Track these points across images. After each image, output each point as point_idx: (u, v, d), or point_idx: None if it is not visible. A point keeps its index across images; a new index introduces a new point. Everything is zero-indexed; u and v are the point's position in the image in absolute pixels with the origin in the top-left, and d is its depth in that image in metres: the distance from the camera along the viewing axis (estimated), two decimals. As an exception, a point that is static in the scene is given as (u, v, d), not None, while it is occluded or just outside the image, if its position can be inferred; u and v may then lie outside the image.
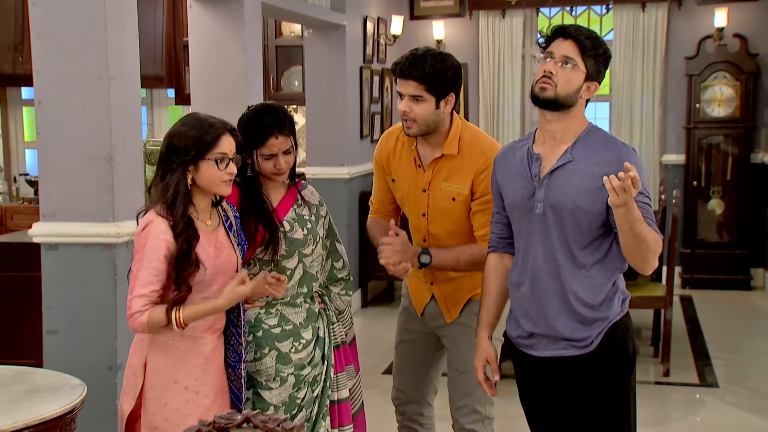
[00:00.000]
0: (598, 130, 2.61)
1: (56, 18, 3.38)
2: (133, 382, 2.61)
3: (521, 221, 2.61)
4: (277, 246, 2.85)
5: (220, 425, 1.51)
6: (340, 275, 3.13)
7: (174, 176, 2.53)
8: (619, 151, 2.49)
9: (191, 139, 2.53)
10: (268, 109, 2.90)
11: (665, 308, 5.33)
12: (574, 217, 2.50)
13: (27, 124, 8.08)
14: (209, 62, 4.83)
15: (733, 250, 7.70)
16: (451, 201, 3.02)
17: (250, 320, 2.91)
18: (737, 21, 7.64)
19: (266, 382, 2.90)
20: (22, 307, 4.42)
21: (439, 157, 3.02)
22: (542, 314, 2.58)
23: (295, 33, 7.60)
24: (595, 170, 2.46)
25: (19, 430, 2.48)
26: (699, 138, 7.77)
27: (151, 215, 2.54)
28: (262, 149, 2.83)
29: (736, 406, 4.90)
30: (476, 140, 3.05)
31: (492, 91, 8.26)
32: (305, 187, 3.07)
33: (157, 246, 2.50)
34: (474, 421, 3.16)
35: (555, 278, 2.55)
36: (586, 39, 2.51)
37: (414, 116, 2.93)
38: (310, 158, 6.88)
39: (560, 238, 2.53)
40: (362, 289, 7.22)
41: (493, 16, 8.23)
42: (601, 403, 2.58)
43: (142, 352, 2.61)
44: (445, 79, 2.92)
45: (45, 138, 3.45)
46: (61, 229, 3.45)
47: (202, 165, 2.53)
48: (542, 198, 2.54)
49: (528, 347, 2.64)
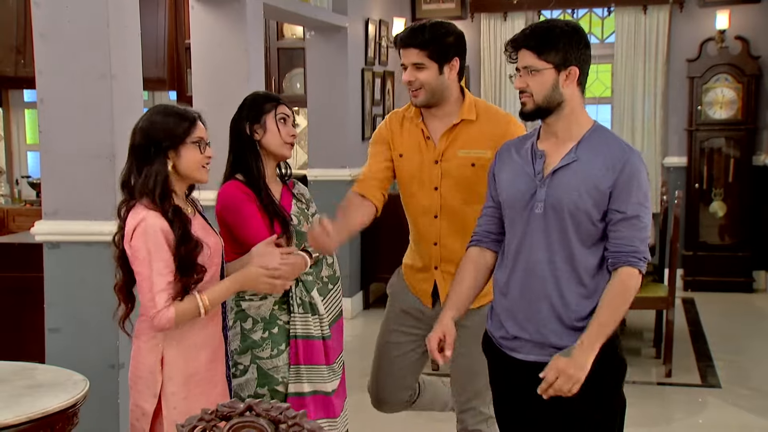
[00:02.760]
0: (604, 129, 2.56)
1: (59, 17, 3.39)
2: (150, 380, 2.59)
3: (517, 220, 2.55)
4: (291, 240, 2.90)
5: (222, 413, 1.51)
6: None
7: (154, 167, 2.55)
8: (624, 155, 2.46)
9: (170, 126, 2.56)
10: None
11: (667, 309, 5.32)
12: (575, 218, 2.45)
13: (29, 126, 8.09)
14: (211, 64, 4.84)
15: (735, 253, 7.69)
16: (470, 167, 3.00)
17: (265, 317, 2.93)
18: (739, 23, 7.64)
19: (282, 379, 2.91)
20: (24, 308, 4.43)
21: (456, 124, 3.02)
22: (531, 318, 2.51)
23: (297, 35, 7.62)
24: (599, 173, 2.44)
25: (21, 423, 2.47)
26: (701, 140, 7.77)
27: (141, 211, 2.53)
28: (277, 111, 2.97)
29: (738, 406, 4.89)
30: (491, 108, 3.11)
31: (493, 93, 8.26)
32: (296, 184, 3.14)
33: (159, 239, 2.50)
34: (479, 422, 3.18)
35: (549, 282, 2.48)
36: (535, 38, 2.49)
37: (419, 84, 2.96)
38: (311, 160, 6.89)
39: (560, 240, 2.47)
40: (364, 292, 7.21)
41: (494, 18, 8.24)
42: (585, 413, 2.49)
43: (156, 349, 2.60)
44: (446, 45, 2.97)
45: (47, 137, 3.46)
46: (63, 228, 3.45)
47: (183, 150, 2.57)
48: (543, 198, 2.48)
49: (511, 349, 2.57)
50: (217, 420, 1.54)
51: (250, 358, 2.94)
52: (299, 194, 3.10)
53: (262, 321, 2.94)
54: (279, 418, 1.50)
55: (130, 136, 2.63)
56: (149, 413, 2.60)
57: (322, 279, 3.05)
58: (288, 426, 1.50)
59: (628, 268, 2.44)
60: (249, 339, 2.94)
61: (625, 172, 2.44)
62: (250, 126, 2.95)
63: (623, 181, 2.43)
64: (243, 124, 2.97)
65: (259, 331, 2.93)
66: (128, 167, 2.61)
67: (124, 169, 2.62)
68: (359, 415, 3.85)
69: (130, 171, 2.60)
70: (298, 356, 2.95)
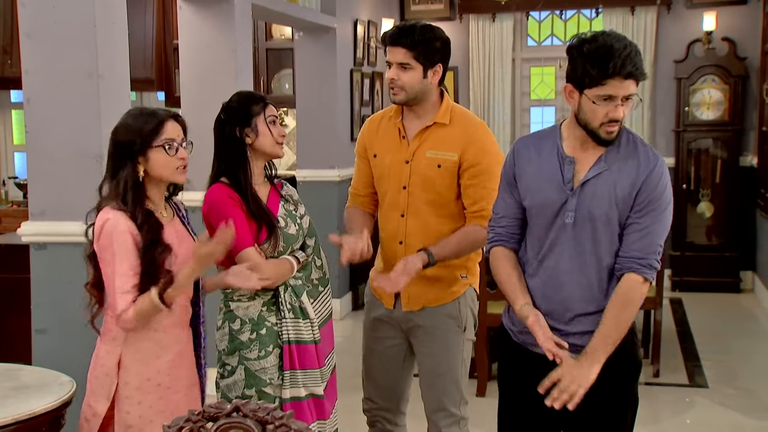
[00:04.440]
0: (630, 134, 2.52)
1: (45, 17, 3.38)
2: (105, 382, 2.59)
3: (546, 228, 2.49)
4: (278, 241, 2.89)
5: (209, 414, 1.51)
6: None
7: (124, 171, 2.53)
8: (650, 165, 2.44)
9: (135, 129, 2.54)
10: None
11: (655, 309, 5.34)
12: (608, 228, 2.44)
13: (16, 127, 8.06)
14: (199, 64, 4.82)
15: (722, 253, 7.72)
16: (436, 168, 3.02)
17: (253, 318, 2.92)
18: (726, 25, 7.68)
19: (270, 380, 2.90)
20: (10, 309, 4.41)
21: (429, 126, 3.05)
22: (557, 320, 2.49)
23: (286, 36, 7.61)
24: (627, 182, 2.43)
25: (6, 425, 2.47)
26: (688, 141, 7.80)
27: (107, 212, 2.52)
28: (266, 113, 2.94)
29: (725, 406, 4.91)
30: (467, 114, 3.13)
31: (482, 94, 8.28)
32: (285, 185, 3.13)
33: (124, 240, 2.49)
34: (451, 424, 3.15)
35: (577, 290, 2.47)
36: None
37: (401, 84, 2.98)
38: (300, 161, 6.88)
39: (591, 251, 2.45)
40: (353, 293, 7.21)
41: (483, 19, 8.25)
42: (610, 406, 2.52)
43: (115, 352, 2.59)
44: (433, 49, 2.98)
45: (34, 137, 3.44)
46: (50, 229, 3.44)
47: (150, 153, 2.54)
48: (574, 208, 2.44)
49: (531, 344, 2.53)
50: (204, 421, 1.54)
51: (237, 359, 2.93)
52: (287, 195, 3.09)
53: (250, 322, 2.93)
54: (266, 418, 1.50)
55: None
56: (100, 415, 2.59)
57: (312, 281, 3.04)
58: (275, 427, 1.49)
59: (633, 275, 2.44)
60: (237, 340, 2.93)
61: (650, 182, 2.43)
62: (241, 130, 2.93)
63: (647, 190, 2.43)
64: (232, 127, 2.93)
65: (246, 332, 2.92)
66: (106, 172, 2.61)
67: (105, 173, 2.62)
68: (348, 417, 3.84)
69: (105, 175, 2.60)
70: (293, 361, 2.94)
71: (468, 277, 3.16)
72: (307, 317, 2.96)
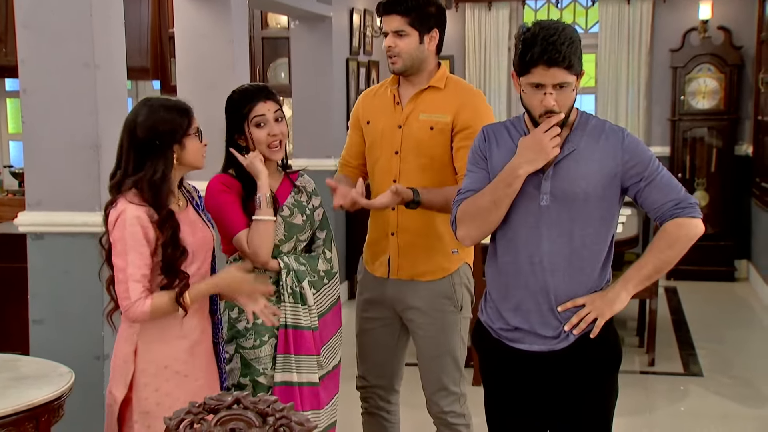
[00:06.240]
0: (588, 114, 2.56)
1: (41, 7, 3.36)
2: (123, 369, 2.60)
3: (522, 213, 2.47)
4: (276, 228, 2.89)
5: (210, 406, 1.52)
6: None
7: (161, 161, 2.55)
8: (617, 133, 2.48)
9: (174, 119, 2.58)
10: (252, 84, 3.01)
11: (650, 298, 5.36)
12: (587, 207, 2.43)
13: (11, 115, 8.03)
14: (195, 53, 4.81)
15: (717, 242, 7.73)
16: (428, 131, 3.04)
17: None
18: (722, 13, 7.68)
19: (263, 370, 2.91)
20: (7, 299, 4.41)
21: (424, 89, 3.08)
22: (534, 309, 2.48)
23: (282, 25, 7.58)
24: (597, 156, 2.45)
25: (6, 416, 2.47)
26: (683, 130, 7.82)
27: (123, 204, 2.53)
28: (252, 115, 2.87)
29: (719, 394, 4.95)
30: (463, 82, 3.20)
31: (478, 82, 8.28)
32: (302, 176, 3.14)
33: (136, 232, 2.50)
34: (452, 402, 3.19)
35: (554, 275, 2.45)
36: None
37: (398, 51, 3.02)
38: (296, 150, 6.87)
39: (569, 232, 2.44)
40: (349, 282, 7.22)
41: (479, 8, 8.24)
42: (592, 396, 2.53)
43: (131, 339, 2.60)
44: (427, 14, 3.02)
45: (30, 127, 3.43)
46: (47, 219, 3.43)
47: (187, 141, 2.60)
48: (548, 190, 2.44)
49: (512, 340, 2.53)
50: (204, 413, 1.55)
51: (234, 347, 2.94)
52: (302, 186, 3.08)
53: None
54: (267, 411, 1.51)
55: (123, 131, 2.61)
56: (119, 401, 2.61)
57: (318, 273, 3.04)
58: (276, 419, 1.50)
59: (676, 219, 2.47)
60: (234, 328, 2.94)
61: (627, 146, 2.46)
62: (238, 136, 2.93)
63: (629, 153, 2.45)
64: (231, 133, 2.94)
65: (244, 320, 2.93)
66: (124, 164, 2.58)
67: (118, 165, 2.60)
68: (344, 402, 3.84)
69: (126, 167, 2.57)
70: (288, 345, 2.95)
71: (459, 252, 3.14)
72: (306, 303, 2.97)
